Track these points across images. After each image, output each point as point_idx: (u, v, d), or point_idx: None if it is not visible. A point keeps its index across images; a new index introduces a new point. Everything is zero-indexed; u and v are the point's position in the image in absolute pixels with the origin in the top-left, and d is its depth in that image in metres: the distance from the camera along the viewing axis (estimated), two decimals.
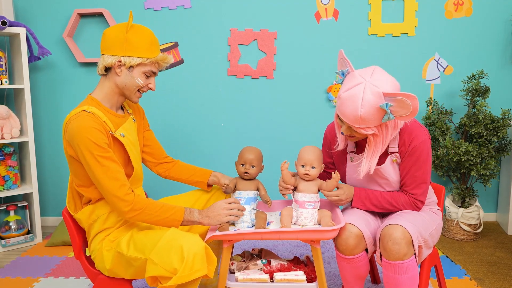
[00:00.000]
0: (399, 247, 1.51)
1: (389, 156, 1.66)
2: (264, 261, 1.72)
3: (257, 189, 1.74)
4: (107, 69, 1.58)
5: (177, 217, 1.55)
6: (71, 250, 2.73)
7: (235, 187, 1.74)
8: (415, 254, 1.56)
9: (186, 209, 1.58)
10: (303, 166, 1.67)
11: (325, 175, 1.82)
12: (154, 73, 1.62)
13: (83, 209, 1.60)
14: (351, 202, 1.72)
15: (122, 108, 1.72)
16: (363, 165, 1.59)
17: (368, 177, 1.71)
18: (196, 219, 1.59)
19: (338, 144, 1.71)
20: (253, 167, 1.71)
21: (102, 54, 1.57)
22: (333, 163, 1.87)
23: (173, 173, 1.88)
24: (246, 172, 1.71)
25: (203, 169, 1.88)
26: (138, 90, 1.61)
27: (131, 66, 1.55)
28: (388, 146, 1.64)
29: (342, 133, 1.60)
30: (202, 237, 1.82)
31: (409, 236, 1.52)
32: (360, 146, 1.74)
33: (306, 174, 1.66)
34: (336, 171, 1.67)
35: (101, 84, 1.61)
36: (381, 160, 1.66)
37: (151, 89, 1.63)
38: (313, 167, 1.66)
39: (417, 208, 1.68)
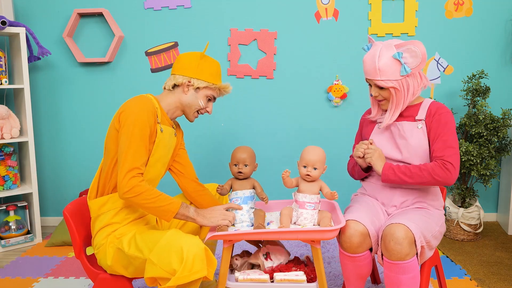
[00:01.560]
0: (401, 247, 1.51)
1: (416, 122, 1.73)
2: (264, 255, 1.72)
3: (253, 188, 1.74)
4: (175, 86, 1.73)
5: (172, 208, 1.54)
6: (71, 250, 2.73)
7: (231, 188, 1.74)
8: (417, 254, 1.55)
9: (183, 203, 1.59)
10: (305, 166, 1.67)
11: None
12: (214, 98, 1.78)
13: (98, 198, 1.62)
14: (382, 170, 1.68)
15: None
16: (386, 116, 1.74)
17: (388, 136, 1.77)
18: (191, 215, 1.59)
19: (375, 114, 1.84)
20: (246, 166, 1.73)
21: (173, 74, 1.73)
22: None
23: (202, 200, 1.85)
24: (240, 172, 1.72)
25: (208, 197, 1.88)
26: (197, 111, 1.76)
27: (197, 88, 1.71)
28: (416, 113, 1.74)
29: (371, 95, 1.76)
30: (202, 239, 1.82)
31: (411, 236, 1.52)
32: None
33: (308, 175, 1.66)
34: (335, 194, 1.66)
35: (165, 95, 1.74)
36: (403, 119, 1.75)
37: (208, 112, 1.77)
38: (315, 168, 1.66)
39: (447, 171, 1.60)
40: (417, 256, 1.56)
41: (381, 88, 1.70)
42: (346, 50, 3.01)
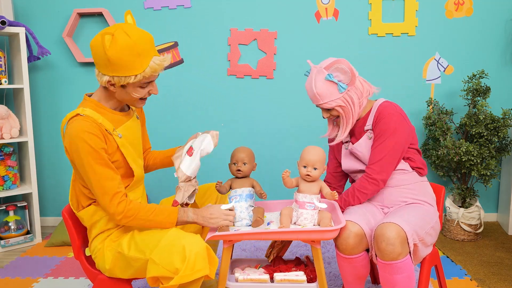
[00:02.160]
0: (393, 247, 1.51)
1: (365, 133, 1.78)
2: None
3: (252, 187, 1.75)
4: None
5: (171, 219, 1.54)
6: (71, 250, 2.73)
7: (230, 187, 1.74)
8: (410, 253, 1.56)
9: (180, 209, 1.57)
10: (305, 166, 1.67)
11: (337, 178, 1.99)
12: (152, 81, 1.54)
13: (86, 208, 1.59)
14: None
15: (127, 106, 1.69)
16: (339, 133, 1.79)
17: (352, 158, 1.85)
18: (190, 219, 1.58)
19: (329, 133, 1.91)
20: (245, 164, 1.73)
21: (95, 69, 1.51)
22: (338, 165, 1.97)
23: (147, 161, 1.86)
24: (239, 170, 1.72)
25: (170, 148, 1.89)
26: (140, 99, 1.56)
27: (122, 85, 1.49)
28: (365, 124, 1.79)
29: (323, 117, 1.81)
30: (203, 238, 1.82)
31: (404, 235, 1.52)
32: (352, 132, 1.86)
33: (308, 175, 1.66)
34: (335, 194, 1.69)
35: (101, 91, 1.57)
36: (359, 137, 1.81)
37: (153, 93, 1.56)
38: (315, 168, 1.66)
39: (371, 185, 1.72)
40: (410, 255, 1.56)
41: (328, 109, 1.76)
42: (346, 50, 3.01)
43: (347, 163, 1.87)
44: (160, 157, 1.88)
